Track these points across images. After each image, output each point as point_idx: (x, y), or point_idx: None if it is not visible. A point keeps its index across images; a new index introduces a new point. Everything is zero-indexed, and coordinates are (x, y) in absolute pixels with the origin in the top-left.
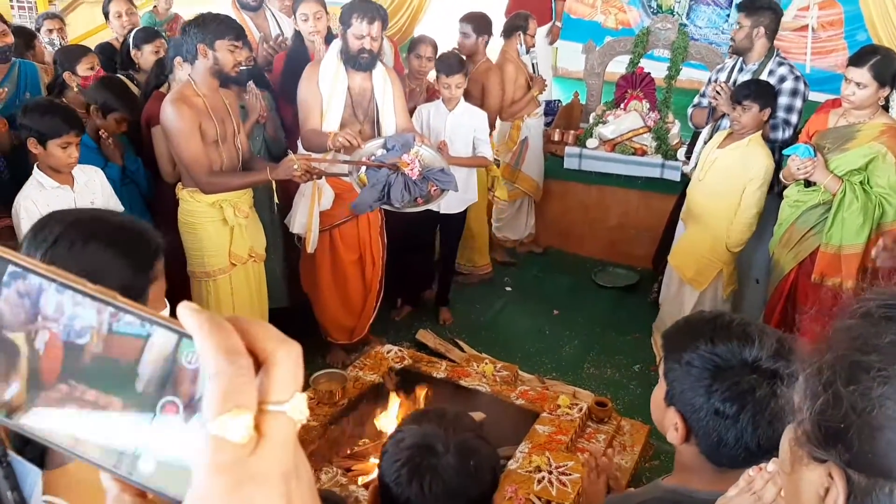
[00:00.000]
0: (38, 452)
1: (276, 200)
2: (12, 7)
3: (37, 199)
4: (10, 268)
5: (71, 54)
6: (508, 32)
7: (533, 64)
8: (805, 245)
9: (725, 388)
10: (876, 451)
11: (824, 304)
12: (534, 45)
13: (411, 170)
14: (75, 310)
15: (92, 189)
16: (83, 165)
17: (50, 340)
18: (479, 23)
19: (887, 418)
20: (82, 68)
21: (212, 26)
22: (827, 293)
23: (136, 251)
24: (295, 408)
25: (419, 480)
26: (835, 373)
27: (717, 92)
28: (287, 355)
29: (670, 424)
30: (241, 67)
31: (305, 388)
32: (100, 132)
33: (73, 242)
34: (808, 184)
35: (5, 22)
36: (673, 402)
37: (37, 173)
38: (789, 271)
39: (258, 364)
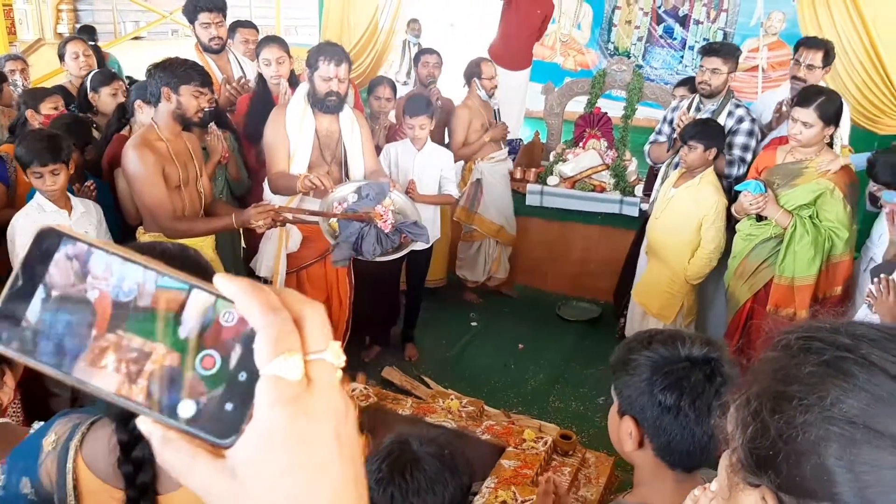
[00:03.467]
0: (149, 477)
1: (242, 245)
2: None
3: (35, 220)
4: (65, 241)
5: (35, 94)
6: (468, 80)
7: (496, 110)
8: (759, 277)
9: (663, 377)
10: (803, 475)
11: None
12: (494, 89)
13: (384, 222)
14: (123, 269)
15: (89, 220)
16: (84, 199)
17: (99, 297)
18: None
19: (810, 444)
20: (46, 107)
21: (178, 71)
22: (781, 323)
23: (206, 274)
24: (333, 354)
25: (401, 471)
26: (761, 403)
27: (681, 122)
28: (314, 312)
29: (625, 434)
30: (203, 112)
31: None
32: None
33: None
34: (759, 218)
35: None
36: (625, 411)
37: (38, 196)
38: (745, 302)
39: None
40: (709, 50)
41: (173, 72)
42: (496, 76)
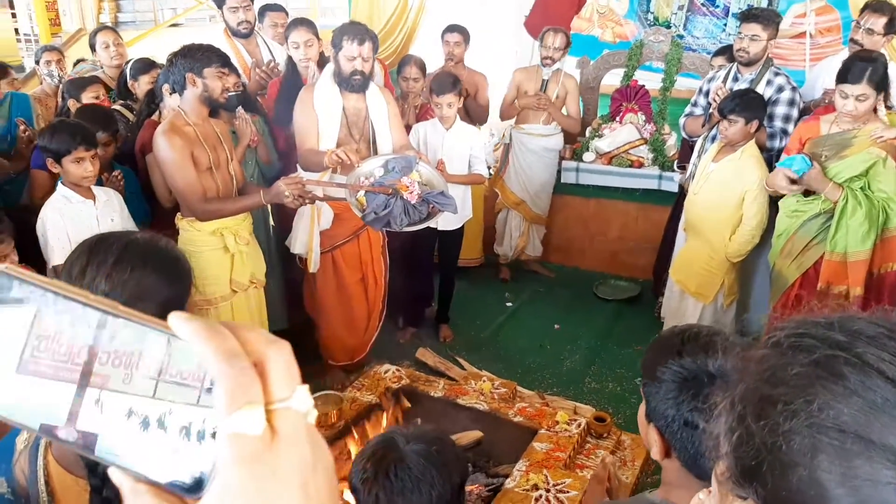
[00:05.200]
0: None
1: (271, 223)
2: (18, 41)
3: (64, 212)
4: (15, 284)
5: (77, 83)
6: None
7: (544, 80)
8: (808, 255)
9: (691, 398)
10: (789, 488)
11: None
12: (549, 59)
13: (410, 193)
14: (74, 324)
15: (112, 207)
16: (105, 188)
17: (50, 356)
18: (467, 33)
19: (797, 454)
20: (87, 96)
21: (198, 55)
22: (833, 301)
23: (180, 269)
24: (299, 401)
25: (385, 471)
26: (745, 407)
27: (717, 97)
28: (278, 354)
29: (652, 441)
30: (230, 93)
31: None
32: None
33: (132, 266)
34: (807, 193)
35: None
36: (651, 419)
37: (61, 188)
38: (793, 282)
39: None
40: (748, 16)
41: (193, 57)
42: (553, 48)
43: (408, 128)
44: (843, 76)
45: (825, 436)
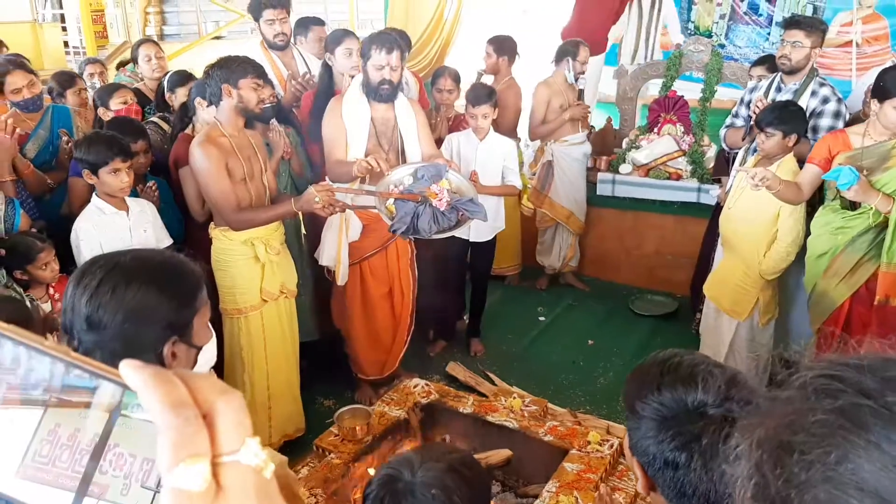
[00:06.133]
0: None
1: (303, 232)
2: (67, 53)
3: (97, 224)
4: None
5: (105, 91)
6: (559, 58)
7: (580, 90)
8: (859, 273)
9: (671, 437)
10: None
11: (890, 325)
12: (583, 72)
13: (440, 200)
14: (30, 363)
15: (145, 218)
16: (135, 198)
17: (7, 391)
18: (500, 44)
19: None
20: (114, 102)
21: (234, 66)
22: (891, 314)
23: (177, 286)
24: (248, 454)
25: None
26: (763, 453)
27: (758, 108)
28: (227, 405)
29: (636, 474)
30: (266, 104)
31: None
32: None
33: (115, 286)
34: (853, 207)
35: (33, 72)
36: (634, 453)
37: (95, 200)
38: (843, 301)
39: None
40: (791, 22)
41: (230, 68)
42: (587, 62)
43: (440, 140)
44: (886, 92)
45: (843, 493)
